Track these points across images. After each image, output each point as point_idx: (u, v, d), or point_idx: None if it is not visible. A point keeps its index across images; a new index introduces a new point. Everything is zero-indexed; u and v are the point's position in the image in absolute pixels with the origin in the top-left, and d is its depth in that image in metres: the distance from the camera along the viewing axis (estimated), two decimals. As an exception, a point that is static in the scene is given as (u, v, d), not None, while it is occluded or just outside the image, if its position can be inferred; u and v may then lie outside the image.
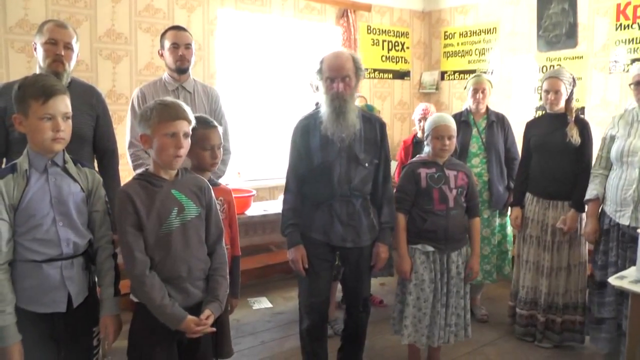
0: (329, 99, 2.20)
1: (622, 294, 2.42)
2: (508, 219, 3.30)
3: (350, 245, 2.28)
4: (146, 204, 1.63)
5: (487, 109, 3.35)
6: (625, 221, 2.48)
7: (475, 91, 3.28)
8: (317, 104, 3.13)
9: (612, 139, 2.62)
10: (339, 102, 2.18)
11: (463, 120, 3.29)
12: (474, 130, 3.29)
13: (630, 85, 2.62)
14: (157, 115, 1.62)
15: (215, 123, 2.01)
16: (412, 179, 2.44)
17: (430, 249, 2.42)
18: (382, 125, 2.35)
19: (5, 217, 1.53)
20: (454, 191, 2.43)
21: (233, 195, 2.14)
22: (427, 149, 2.53)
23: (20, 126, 1.59)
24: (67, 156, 1.67)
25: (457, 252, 2.47)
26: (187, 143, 1.67)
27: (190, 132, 1.69)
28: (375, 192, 2.35)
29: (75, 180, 1.66)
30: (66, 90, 1.62)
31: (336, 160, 2.23)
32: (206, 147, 1.95)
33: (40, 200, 1.57)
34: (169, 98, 1.81)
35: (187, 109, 1.69)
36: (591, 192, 2.67)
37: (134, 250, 1.60)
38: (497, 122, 3.31)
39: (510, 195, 3.28)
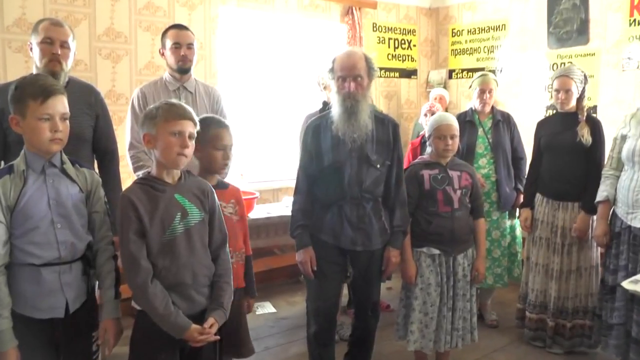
0: (340, 98, 2.18)
1: (632, 299, 2.37)
2: (517, 221, 3.24)
3: (360, 249, 2.24)
4: (149, 209, 1.60)
5: (493, 108, 3.30)
6: (636, 223, 2.42)
7: (482, 91, 3.22)
8: (324, 102, 3.09)
9: (624, 138, 2.56)
10: (350, 102, 2.16)
11: (468, 120, 3.24)
12: (480, 131, 3.23)
13: None
14: (163, 114, 1.62)
15: (228, 123, 2.00)
16: (415, 181, 2.41)
17: (436, 251, 2.38)
18: (395, 127, 2.32)
19: (1, 219, 1.51)
20: (458, 192, 2.40)
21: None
22: (429, 149, 2.50)
23: (17, 127, 1.57)
24: (65, 157, 1.66)
25: (463, 254, 2.43)
26: (191, 144, 1.66)
27: (195, 135, 1.68)
28: (388, 195, 2.30)
29: (73, 181, 1.64)
30: (64, 91, 1.61)
31: (347, 161, 2.20)
32: (219, 147, 1.93)
33: (38, 201, 1.56)
34: (174, 100, 1.83)
35: (193, 112, 1.69)
36: (601, 193, 2.61)
37: (139, 259, 1.58)
38: (503, 122, 3.25)
39: (518, 195, 3.23)
